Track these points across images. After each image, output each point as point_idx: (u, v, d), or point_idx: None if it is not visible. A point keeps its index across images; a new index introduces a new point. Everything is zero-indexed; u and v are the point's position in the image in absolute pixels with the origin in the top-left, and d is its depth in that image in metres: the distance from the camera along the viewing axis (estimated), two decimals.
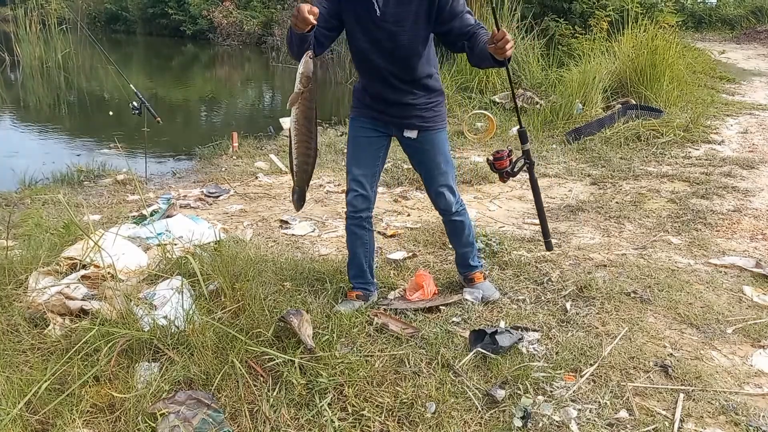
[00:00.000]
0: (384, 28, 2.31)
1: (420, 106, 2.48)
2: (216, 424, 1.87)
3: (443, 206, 2.64)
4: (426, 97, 2.48)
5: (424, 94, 2.47)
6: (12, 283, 2.62)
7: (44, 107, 9.37)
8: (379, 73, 2.42)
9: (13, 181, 5.06)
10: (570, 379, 2.20)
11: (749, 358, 2.37)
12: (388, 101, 2.47)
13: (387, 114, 2.50)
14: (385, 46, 2.35)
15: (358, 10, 2.32)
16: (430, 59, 2.45)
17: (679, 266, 3.19)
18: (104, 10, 23.41)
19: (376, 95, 2.49)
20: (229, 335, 2.17)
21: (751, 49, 13.70)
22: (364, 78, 2.52)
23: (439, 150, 2.55)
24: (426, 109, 2.49)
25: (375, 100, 2.50)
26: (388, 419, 1.95)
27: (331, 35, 2.39)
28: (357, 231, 2.66)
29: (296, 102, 2.14)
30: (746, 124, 6.72)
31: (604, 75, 7.09)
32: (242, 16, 18.80)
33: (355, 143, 2.59)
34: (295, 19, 2.06)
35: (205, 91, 12.17)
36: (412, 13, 2.29)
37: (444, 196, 2.60)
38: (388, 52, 2.36)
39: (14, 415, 1.81)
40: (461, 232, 2.75)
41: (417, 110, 2.47)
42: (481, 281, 2.82)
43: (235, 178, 5.09)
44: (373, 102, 2.51)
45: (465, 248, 2.79)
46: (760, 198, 4.32)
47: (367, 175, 2.57)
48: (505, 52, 2.07)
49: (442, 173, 2.56)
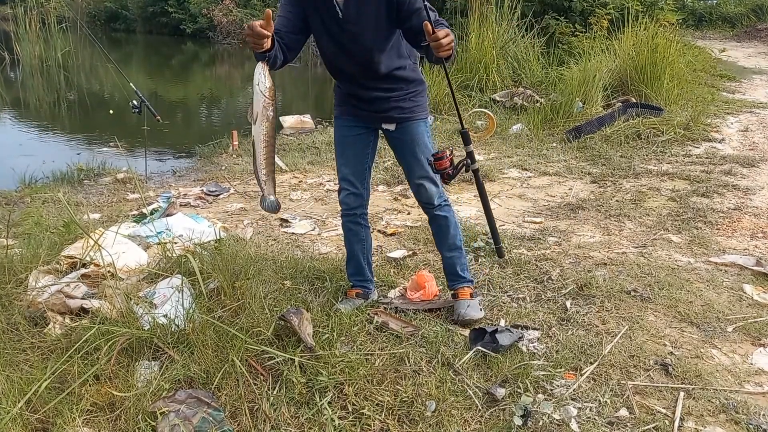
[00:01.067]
0: (347, 30, 2.30)
1: (395, 98, 2.44)
2: (216, 422, 1.87)
3: (425, 199, 2.57)
4: (401, 90, 2.44)
5: (398, 86, 2.44)
6: (12, 282, 2.61)
7: (44, 106, 9.36)
8: (349, 72, 2.42)
9: (13, 179, 5.06)
10: (570, 377, 2.20)
11: (749, 356, 2.37)
12: (362, 98, 2.46)
13: (365, 110, 2.49)
14: (350, 48, 2.34)
15: (322, 14, 2.31)
16: (402, 52, 2.40)
17: (679, 264, 3.19)
18: (104, 8, 23.43)
19: (351, 94, 2.49)
20: (230, 334, 2.17)
21: (752, 47, 13.69)
22: (336, 78, 2.53)
23: (418, 140, 2.49)
24: (403, 99, 2.45)
25: (351, 97, 2.50)
26: (388, 418, 1.95)
27: (299, 38, 2.37)
28: (353, 227, 2.65)
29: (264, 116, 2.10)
30: (747, 122, 6.71)
31: (604, 73, 7.09)
32: (242, 14, 18.78)
33: (341, 142, 2.57)
34: (252, 38, 2.00)
35: (205, 90, 12.17)
36: (373, 13, 2.27)
37: (424, 188, 2.53)
38: (353, 53, 2.35)
39: (14, 414, 1.81)
40: (446, 231, 2.62)
41: (393, 102, 2.44)
42: (466, 298, 2.62)
43: (236, 177, 5.08)
44: (351, 99, 2.50)
45: (451, 252, 2.65)
46: (761, 196, 4.32)
47: (356, 173, 2.56)
48: (439, 51, 2.02)
49: (421, 164, 2.49)
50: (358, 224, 2.64)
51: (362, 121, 2.53)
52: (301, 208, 4.20)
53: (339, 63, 2.42)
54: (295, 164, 5.38)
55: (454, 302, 2.63)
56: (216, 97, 11.59)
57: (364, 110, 2.49)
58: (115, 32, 22.87)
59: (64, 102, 9.49)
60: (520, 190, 4.61)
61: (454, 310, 2.60)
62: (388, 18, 2.28)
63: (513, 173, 5.05)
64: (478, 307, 2.61)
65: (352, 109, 2.52)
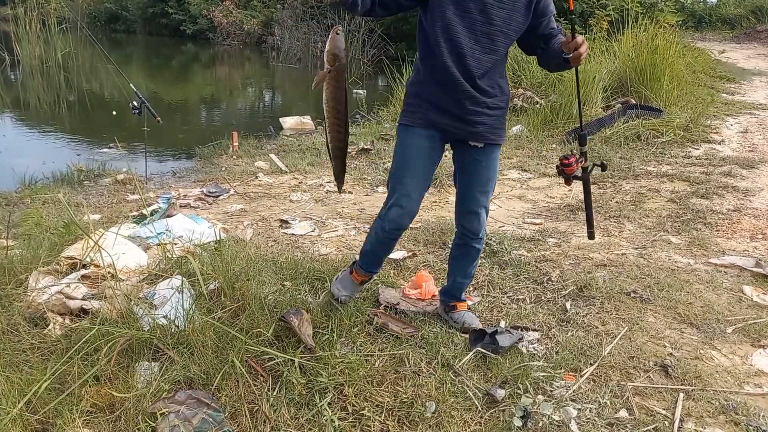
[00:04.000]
0: (493, 14, 2.09)
1: (495, 116, 2.24)
2: (216, 423, 1.87)
3: (473, 228, 2.38)
4: (501, 108, 2.25)
5: (503, 103, 2.25)
6: (12, 283, 2.61)
7: (44, 107, 9.36)
8: (460, 52, 2.10)
9: (13, 180, 5.05)
10: (570, 378, 2.20)
11: (749, 357, 2.38)
12: (461, 108, 2.18)
13: (458, 121, 2.21)
14: (476, 17, 2.08)
15: None
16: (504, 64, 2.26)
17: (679, 266, 3.19)
18: (104, 9, 23.44)
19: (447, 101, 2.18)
20: (229, 335, 2.17)
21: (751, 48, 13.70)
22: (435, 79, 2.18)
23: (494, 166, 2.32)
24: (501, 118, 2.26)
25: (446, 104, 2.19)
26: (388, 419, 1.95)
27: (407, 4, 2.15)
28: (390, 243, 2.45)
29: (322, 82, 2.01)
30: (746, 124, 6.72)
31: (604, 74, 7.10)
32: (242, 15, 18.81)
33: (413, 153, 2.26)
34: None
35: (205, 91, 12.17)
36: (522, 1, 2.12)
37: (480, 218, 2.35)
38: (478, 23, 2.09)
39: (14, 415, 1.81)
40: (471, 261, 2.51)
41: (492, 119, 2.23)
42: (464, 310, 2.58)
43: (235, 178, 5.08)
44: (441, 106, 2.20)
45: (464, 279, 2.56)
46: (760, 197, 4.32)
47: (420, 189, 2.30)
48: (580, 60, 2.07)
49: (485, 192, 2.33)
50: (396, 240, 2.46)
51: (445, 133, 2.26)
52: (301, 210, 4.20)
53: (456, 37, 2.10)
54: (295, 165, 5.38)
55: (453, 314, 2.57)
56: (216, 98, 11.59)
57: (455, 121, 2.21)
58: (115, 33, 22.88)
59: (64, 103, 9.50)
60: (520, 192, 4.61)
61: (455, 320, 2.54)
62: (528, 6, 2.13)
63: (513, 174, 5.06)
64: (475, 318, 2.57)
65: (436, 117, 2.21)
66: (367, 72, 12.48)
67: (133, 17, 22.90)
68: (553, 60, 2.20)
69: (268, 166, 5.40)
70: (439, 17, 2.10)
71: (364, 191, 4.64)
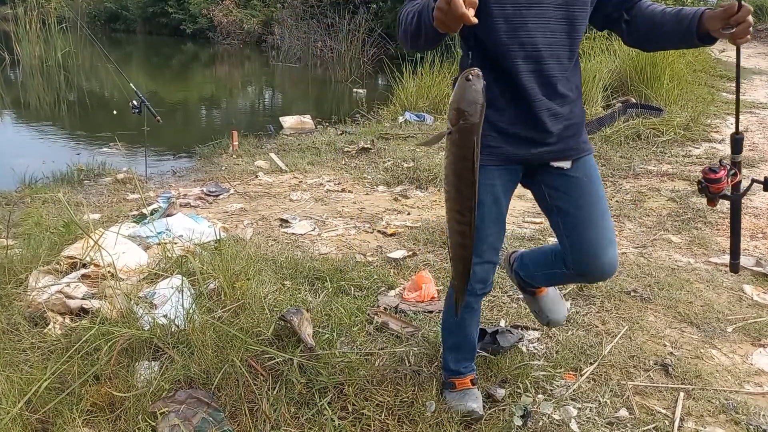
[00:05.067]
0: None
1: (575, 125, 1.76)
2: (216, 422, 1.87)
3: (608, 269, 1.79)
4: (577, 105, 1.77)
5: (579, 106, 1.77)
6: (12, 282, 2.62)
7: (44, 106, 9.37)
8: (536, 54, 1.62)
9: (13, 179, 5.05)
10: (570, 377, 2.20)
11: (749, 356, 2.37)
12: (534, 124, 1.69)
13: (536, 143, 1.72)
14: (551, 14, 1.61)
15: None
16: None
17: (679, 265, 3.19)
18: (104, 8, 23.45)
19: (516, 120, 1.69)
20: (229, 334, 2.17)
21: (752, 47, 13.67)
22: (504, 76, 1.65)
23: (595, 179, 1.80)
24: (581, 124, 1.79)
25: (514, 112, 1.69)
26: (388, 418, 1.94)
27: None
28: (476, 307, 1.95)
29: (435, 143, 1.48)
30: (746, 123, 6.71)
31: (604, 73, 7.10)
32: (242, 14, 18.81)
33: (491, 200, 1.78)
34: (442, 15, 1.31)
35: (205, 90, 12.18)
36: None
37: (610, 255, 1.77)
38: (554, 19, 1.61)
39: (14, 414, 1.81)
40: None
41: (573, 128, 1.75)
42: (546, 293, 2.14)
43: (235, 177, 5.08)
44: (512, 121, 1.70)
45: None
46: (760, 197, 4.32)
47: (501, 238, 1.89)
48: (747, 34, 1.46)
49: (605, 217, 1.77)
50: (480, 302, 1.98)
51: (515, 162, 1.77)
52: (301, 209, 4.20)
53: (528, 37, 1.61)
54: (295, 164, 5.37)
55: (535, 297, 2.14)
56: (216, 97, 11.60)
57: (532, 143, 1.73)
58: (115, 32, 22.88)
59: (64, 102, 9.50)
60: (520, 191, 4.59)
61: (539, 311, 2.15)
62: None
63: None
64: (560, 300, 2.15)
65: (506, 143, 1.72)
66: (367, 71, 12.49)
67: (133, 16, 22.91)
68: (669, 35, 1.63)
69: (268, 166, 5.40)
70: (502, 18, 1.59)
71: (364, 190, 4.63)
